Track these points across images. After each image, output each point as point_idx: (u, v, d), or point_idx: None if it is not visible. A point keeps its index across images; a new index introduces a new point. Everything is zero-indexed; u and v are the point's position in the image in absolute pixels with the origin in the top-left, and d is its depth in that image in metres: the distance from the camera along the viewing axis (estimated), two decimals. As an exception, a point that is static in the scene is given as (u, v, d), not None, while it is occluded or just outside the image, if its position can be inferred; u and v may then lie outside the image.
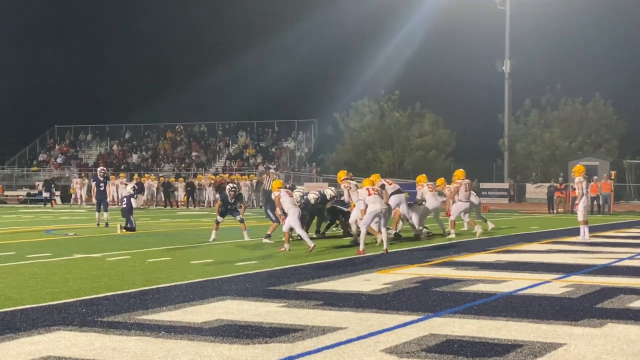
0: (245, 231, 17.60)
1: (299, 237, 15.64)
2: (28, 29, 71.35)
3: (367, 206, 14.49)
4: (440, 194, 20.77)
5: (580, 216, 17.90)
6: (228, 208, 17.72)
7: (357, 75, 58.53)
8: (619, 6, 53.50)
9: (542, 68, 54.86)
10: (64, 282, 10.10)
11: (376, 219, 14.60)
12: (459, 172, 19.22)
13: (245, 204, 19.40)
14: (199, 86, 63.00)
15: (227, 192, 17.87)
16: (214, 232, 17.29)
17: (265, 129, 60.61)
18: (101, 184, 22.93)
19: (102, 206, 22.59)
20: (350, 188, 16.68)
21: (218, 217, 17.60)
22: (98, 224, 22.30)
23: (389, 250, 14.40)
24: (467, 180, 19.16)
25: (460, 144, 54.52)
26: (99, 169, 24.86)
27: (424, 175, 20.29)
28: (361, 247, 14.26)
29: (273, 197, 16.03)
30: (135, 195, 21.47)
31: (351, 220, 16.58)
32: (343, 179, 17.35)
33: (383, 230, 14.67)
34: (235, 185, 18.55)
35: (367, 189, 14.75)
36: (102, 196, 22.77)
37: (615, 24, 54.73)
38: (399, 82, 54.66)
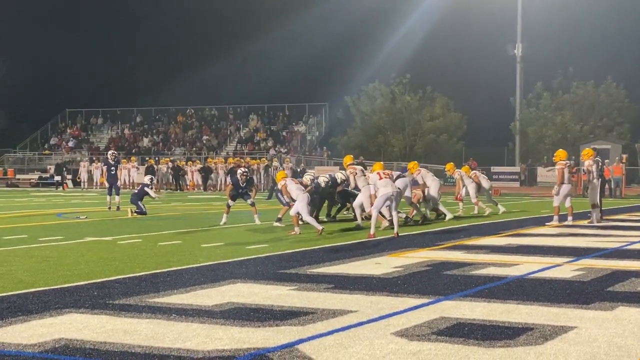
0: (256, 215, 17.62)
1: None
2: (39, 13, 71.42)
3: (377, 190, 14.50)
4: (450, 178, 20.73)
5: (591, 199, 17.85)
6: (239, 192, 17.75)
7: (368, 58, 58.40)
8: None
9: (553, 51, 54.59)
10: (76, 265, 10.15)
11: (387, 203, 14.59)
12: (561, 153, 18.00)
13: (256, 187, 19.45)
14: (209, 70, 63.00)
15: (238, 176, 17.90)
16: (225, 215, 17.33)
17: (276, 113, 60.58)
18: (112, 168, 23.00)
19: (113, 190, 22.65)
20: (356, 174, 16.68)
21: (229, 200, 17.63)
22: (109, 208, 22.37)
23: (399, 234, 14.40)
24: (570, 162, 18.14)
25: (471, 128, 54.38)
26: (109, 152, 24.90)
27: (415, 162, 19.91)
28: (372, 230, 14.25)
29: (279, 186, 16.14)
30: (151, 186, 21.44)
31: (355, 204, 16.61)
32: (349, 164, 17.32)
33: (394, 213, 14.67)
34: (246, 169, 18.58)
35: (378, 172, 14.74)
36: (113, 180, 22.83)
37: (628, 6, 54.28)
38: (410, 65, 54.49)
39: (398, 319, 6.73)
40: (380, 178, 14.59)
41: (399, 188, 15.46)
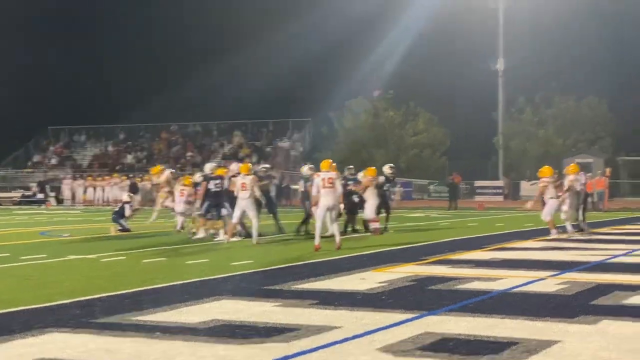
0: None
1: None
2: (20, 30, 71.17)
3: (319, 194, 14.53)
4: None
5: (563, 215, 17.96)
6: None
7: (351, 74, 58.52)
8: (612, 5, 53.56)
9: (535, 66, 54.93)
10: (59, 284, 10.07)
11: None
12: (546, 170, 18.01)
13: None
14: (193, 86, 62.90)
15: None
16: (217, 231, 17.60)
17: (260, 129, 60.62)
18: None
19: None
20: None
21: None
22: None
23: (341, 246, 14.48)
24: (552, 178, 18.11)
25: (455, 142, 54.61)
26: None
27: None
28: (316, 241, 14.23)
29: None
30: (131, 204, 21.23)
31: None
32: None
33: (335, 225, 14.80)
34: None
35: (323, 179, 14.55)
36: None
37: (608, 22, 54.78)
38: (393, 81, 54.75)
39: (383, 335, 6.71)
40: (324, 186, 14.44)
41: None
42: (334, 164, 16.19)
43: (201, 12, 69.14)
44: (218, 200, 17.44)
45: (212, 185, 17.61)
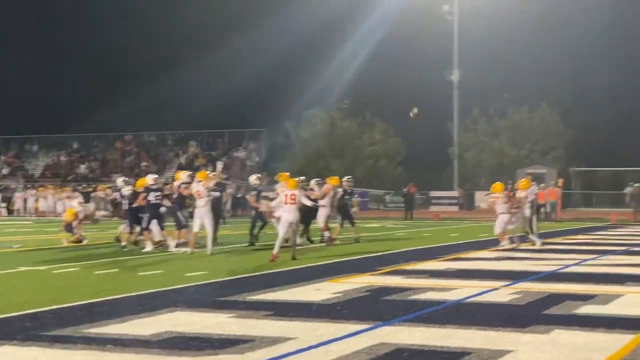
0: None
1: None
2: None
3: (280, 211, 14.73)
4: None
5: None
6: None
7: (308, 85, 58.63)
8: (564, 18, 54.53)
9: (490, 77, 55.59)
10: (8, 296, 9.88)
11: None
12: (497, 186, 18.44)
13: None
14: (148, 96, 62.38)
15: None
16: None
17: (216, 139, 60.38)
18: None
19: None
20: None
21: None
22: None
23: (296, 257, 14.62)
24: (505, 193, 18.44)
25: (410, 153, 54.93)
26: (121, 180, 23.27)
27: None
28: (275, 250, 14.34)
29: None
30: (82, 212, 20.94)
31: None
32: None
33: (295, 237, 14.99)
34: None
35: (286, 195, 14.69)
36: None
37: (560, 35, 55.73)
38: (350, 91, 54.98)
39: (337, 345, 6.71)
40: (286, 202, 14.59)
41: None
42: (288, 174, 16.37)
43: (157, 21, 68.69)
44: (158, 212, 17.45)
45: (152, 197, 17.46)
